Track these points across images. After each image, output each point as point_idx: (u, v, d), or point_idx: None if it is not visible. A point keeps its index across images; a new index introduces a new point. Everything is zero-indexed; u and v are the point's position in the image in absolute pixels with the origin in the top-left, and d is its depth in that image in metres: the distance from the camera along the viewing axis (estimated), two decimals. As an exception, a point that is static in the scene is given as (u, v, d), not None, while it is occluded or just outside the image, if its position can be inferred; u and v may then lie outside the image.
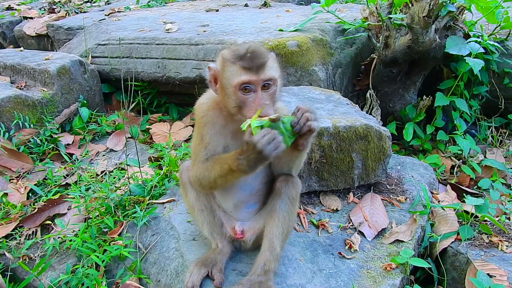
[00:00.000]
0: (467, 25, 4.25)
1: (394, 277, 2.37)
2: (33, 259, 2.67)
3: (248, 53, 1.89)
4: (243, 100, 1.91)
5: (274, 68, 1.96)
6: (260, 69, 1.88)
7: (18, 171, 3.39)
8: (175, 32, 4.63)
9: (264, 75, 1.88)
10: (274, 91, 1.94)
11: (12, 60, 4.32)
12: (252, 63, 1.87)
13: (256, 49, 1.91)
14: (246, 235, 2.26)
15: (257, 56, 1.88)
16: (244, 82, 1.88)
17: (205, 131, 2.08)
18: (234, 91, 1.91)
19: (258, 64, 1.87)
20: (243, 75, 1.88)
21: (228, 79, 1.93)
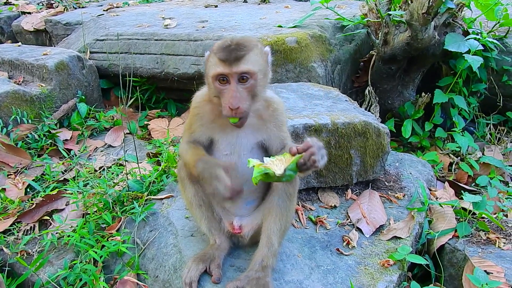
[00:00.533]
0: (466, 22, 4.25)
1: (391, 274, 2.37)
2: (31, 254, 2.67)
3: (232, 45, 1.92)
4: (219, 90, 1.96)
5: (255, 61, 1.95)
6: (235, 62, 1.90)
7: (16, 166, 3.38)
8: (174, 28, 4.62)
9: (238, 68, 1.90)
10: (252, 84, 1.95)
11: (10, 55, 4.30)
12: (228, 55, 1.90)
13: (241, 41, 1.94)
14: (244, 230, 2.26)
15: (237, 49, 1.91)
16: (217, 73, 1.93)
17: (194, 121, 2.19)
18: (212, 82, 1.97)
19: (234, 57, 1.90)
20: (218, 67, 1.93)
21: (208, 69, 2.02)
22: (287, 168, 1.82)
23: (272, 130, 2.15)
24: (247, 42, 1.97)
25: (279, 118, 2.17)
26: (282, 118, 2.19)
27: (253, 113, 2.09)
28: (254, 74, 1.94)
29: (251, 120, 2.09)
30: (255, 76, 1.95)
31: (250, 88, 1.95)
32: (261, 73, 1.99)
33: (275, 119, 2.16)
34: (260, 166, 1.84)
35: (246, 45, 1.94)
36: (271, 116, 2.15)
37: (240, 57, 1.90)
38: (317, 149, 1.83)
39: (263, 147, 2.18)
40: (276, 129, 2.16)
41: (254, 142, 2.15)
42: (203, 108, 2.16)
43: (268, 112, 2.15)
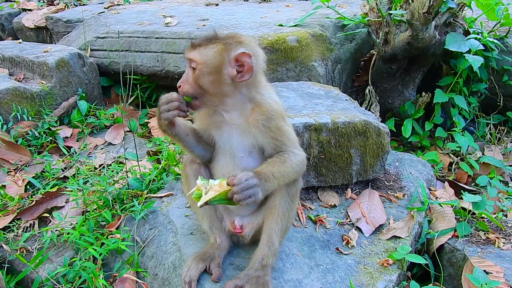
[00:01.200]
0: (467, 21, 4.24)
1: (391, 273, 2.37)
2: (30, 251, 2.67)
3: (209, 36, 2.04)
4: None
5: (205, 54, 1.99)
6: (190, 49, 2.03)
7: (16, 163, 3.38)
8: (175, 26, 4.62)
9: (188, 54, 2.04)
10: (197, 74, 2.01)
11: (11, 52, 4.30)
12: (193, 42, 2.05)
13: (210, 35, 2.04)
14: (245, 230, 2.26)
15: (202, 39, 2.03)
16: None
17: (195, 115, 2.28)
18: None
19: (194, 43, 2.03)
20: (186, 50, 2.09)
21: None
22: (210, 200, 1.89)
23: (258, 137, 2.08)
24: (215, 37, 2.03)
25: (265, 124, 2.05)
26: (270, 124, 2.06)
27: (238, 112, 2.08)
28: (199, 65, 1.99)
29: (237, 120, 2.09)
30: (199, 67, 1.99)
31: (195, 76, 2.02)
32: (210, 68, 1.98)
33: (260, 125, 2.05)
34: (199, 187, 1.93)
35: (210, 39, 2.02)
36: (256, 121, 2.05)
37: (195, 46, 2.02)
38: (240, 188, 1.83)
39: (261, 151, 2.13)
40: (262, 135, 2.06)
41: (247, 145, 2.11)
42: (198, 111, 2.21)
43: (254, 116, 2.05)
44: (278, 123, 2.10)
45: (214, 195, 1.88)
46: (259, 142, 2.10)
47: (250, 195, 1.86)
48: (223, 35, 2.05)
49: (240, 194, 1.84)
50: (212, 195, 1.88)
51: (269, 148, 2.11)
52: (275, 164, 2.03)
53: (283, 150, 2.10)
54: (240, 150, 2.13)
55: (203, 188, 1.91)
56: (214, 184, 1.91)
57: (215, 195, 1.87)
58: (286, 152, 2.10)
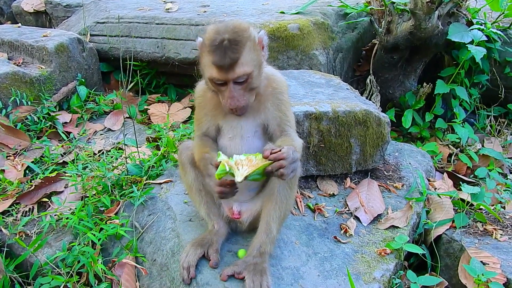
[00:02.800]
0: (470, 12, 4.21)
1: (388, 262, 2.39)
2: (29, 235, 2.68)
3: (225, 40, 1.85)
4: (217, 89, 1.97)
5: (249, 60, 1.90)
6: (231, 68, 1.86)
7: (15, 148, 3.37)
8: (175, 12, 4.58)
9: (234, 73, 1.87)
10: (249, 82, 1.94)
11: (10, 36, 4.26)
12: (223, 60, 1.84)
13: (233, 36, 1.87)
14: (243, 216, 2.27)
15: (230, 49, 1.84)
16: (213, 78, 1.92)
17: (198, 111, 2.23)
18: (208, 81, 1.98)
19: (229, 63, 1.85)
20: (214, 72, 1.90)
21: (202, 67, 2.01)
22: (250, 175, 1.82)
23: (270, 110, 2.13)
24: (240, 35, 1.89)
25: (278, 96, 2.14)
26: (282, 97, 2.16)
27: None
28: (250, 74, 1.92)
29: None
30: (250, 75, 1.92)
31: (246, 86, 1.94)
32: (256, 68, 1.95)
33: (274, 97, 2.13)
34: (226, 164, 1.85)
35: (239, 41, 1.87)
36: (270, 95, 2.13)
37: (234, 61, 1.86)
38: (289, 162, 1.81)
39: (264, 130, 2.17)
40: (274, 108, 2.13)
41: (255, 125, 2.14)
42: (205, 97, 2.18)
43: (268, 91, 2.12)
44: (286, 97, 2.19)
45: (253, 169, 1.81)
46: (268, 117, 2.12)
47: (295, 168, 1.88)
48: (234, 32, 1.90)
49: (288, 168, 1.82)
50: (250, 170, 1.81)
51: (274, 124, 2.13)
52: (290, 142, 2.06)
53: (285, 130, 2.14)
54: (247, 131, 2.14)
55: (227, 164, 1.86)
56: (241, 159, 1.87)
57: (253, 169, 1.81)
58: (288, 132, 2.15)
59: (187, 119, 4.04)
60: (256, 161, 1.85)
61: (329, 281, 2.22)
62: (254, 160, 1.86)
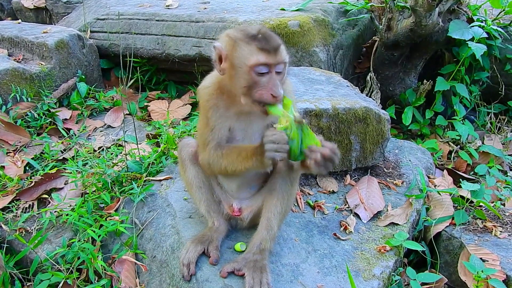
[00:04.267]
0: (471, 9, 4.20)
1: (387, 259, 2.39)
2: (29, 232, 2.68)
3: (260, 34, 1.86)
4: (256, 81, 1.86)
5: (285, 51, 1.94)
6: (277, 52, 1.86)
7: (15, 144, 3.38)
8: (176, 9, 4.57)
9: (281, 57, 1.87)
10: (284, 73, 1.93)
11: (10, 33, 4.26)
12: (269, 44, 1.84)
13: (267, 31, 1.90)
14: (244, 213, 2.27)
15: (272, 38, 1.87)
16: (261, 63, 1.84)
17: (210, 115, 2.07)
18: (248, 71, 1.86)
19: (275, 46, 1.85)
20: (261, 56, 1.84)
21: (242, 58, 1.87)
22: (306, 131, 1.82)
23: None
24: (271, 32, 1.93)
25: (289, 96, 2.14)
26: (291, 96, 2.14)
27: None
28: (287, 64, 1.93)
29: None
30: (286, 65, 1.94)
31: (282, 76, 1.93)
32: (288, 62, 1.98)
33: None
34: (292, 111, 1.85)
35: (274, 34, 1.91)
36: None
37: (279, 46, 1.87)
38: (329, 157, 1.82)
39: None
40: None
41: (264, 126, 2.09)
42: (217, 99, 2.06)
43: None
44: (293, 97, 2.15)
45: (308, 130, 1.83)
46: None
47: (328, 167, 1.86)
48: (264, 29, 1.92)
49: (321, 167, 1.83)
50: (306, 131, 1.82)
51: None
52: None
53: None
54: (256, 132, 2.10)
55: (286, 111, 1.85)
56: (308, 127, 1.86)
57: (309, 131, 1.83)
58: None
59: (187, 116, 4.03)
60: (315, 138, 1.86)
61: (329, 278, 2.22)
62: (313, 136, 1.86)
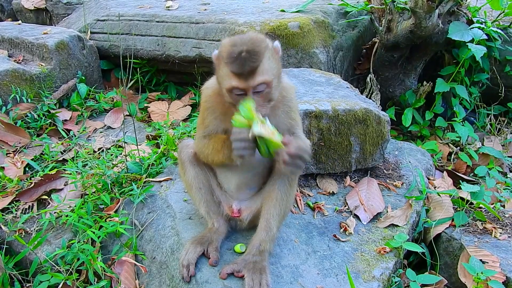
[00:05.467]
0: (470, 10, 4.21)
1: (387, 261, 2.39)
2: (29, 233, 2.68)
3: (244, 51, 1.82)
4: (235, 100, 1.91)
5: (269, 68, 1.89)
6: (250, 76, 1.84)
7: (15, 145, 3.37)
8: (176, 10, 4.57)
9: (254, 81, 1.85)
10: (268, 92, 1.92)
11: (10, 34, 4.26)
12: (242, 68, 1.82)
13: (252, 49, 1.84)
14: (243, 214, 2.27)
15: (250, 59, 1.82)
16: (233, 87, 1.88)
17: (206, 115, 2.15)
18: (226, 92, 1.92)
19: (248, 70, 1.83)
20: (233, 81, 1.86)
21: (220, 78, 1.95)
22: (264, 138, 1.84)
23: (281, 117, 2.13)
24: (258, 46, 1.86)
25: (288, 104, 2.15)
26: (291, 104, 2.16)
27: None
28: (269, 83, 1.89)
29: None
30: (270, 83, 1.90)
31: (266, 95, 1.92)
32: (275, 77, 1.94)
33: (283, 105, 2.13)
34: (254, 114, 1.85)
35: (257, 51, 1.84)
36: (280, 103, 2.11)
37: (254, 68, 1.83)
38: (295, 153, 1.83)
39: None
40: (284, 115, 2.13)
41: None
42: (214, 102, 2.12)
43: (278, 99, 2.09)
44: (295, 102, 2.20)
45: (270, 137, 1.83)
46: (278, 124, 2.09)
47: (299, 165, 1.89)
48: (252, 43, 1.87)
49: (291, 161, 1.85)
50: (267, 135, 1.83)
51: (284, 130, 2.13)
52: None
53: (295, 133, 2.15)
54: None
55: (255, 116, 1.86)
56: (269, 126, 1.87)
57: (270, 138, 1.83)
58: (297, 134, 2.15)
59: (187, 117, 4.04)
60: (277, 137, 1.86)
61: (329, 280, 2.22)
62: (276, 135, 1.86)
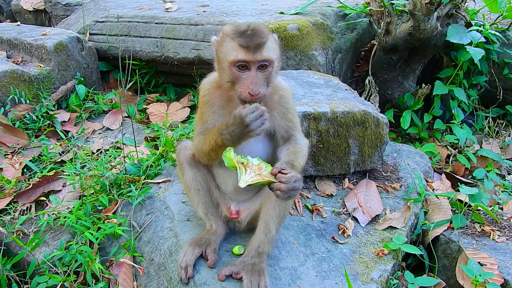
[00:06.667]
0: (469, 13, 4.22)
1: (386, 263, 2.39)
2: (27, 234, 2.67)
3: (249, 30, 1.89)
4: (237, 76, 1.93)
5: (273, 49, 1.95)
6: (258, 49, 1.88)
7: (13, 146, 3.37)
8: (175, 12, 4.58)
9: (261, 55, 1.89)
10: (269, 72, 1.95)
11: (9, 35, 4.26)
12: (250, 41, 1.87)
13: (257, 28, 1.91)
14: (241, 215, 2.27)
15: (256, 35, 1.88)
16: (239, 60, 1.90)
17: (205, 109, 2.15)
18: (229, 67, 1.93)
19: (256, 44, 1.87)
20: (240, 53, 1.89)
21: (224, 54, 1.95)
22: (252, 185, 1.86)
23: (277, 118, 2.14)
24: (263, 28, 1.94)
25: (285, 105, 2.16)
26: (288, 106, 2.17)
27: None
28: (272, 62, 1.94)
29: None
30: (273, 63, 1.94)
31: (267, 74, 1.94)
32: (277, 60, 1.99)
33: (280, 106, 2.14)
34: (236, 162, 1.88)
35: (263, 31, 1.91)
36: (276, 103, 2.13)
37: (261, 44, 1.88)
38: (287, 188, 1.84)
39: (270, 135, 2.17)
40: (280, 117, 2.14)
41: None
42: (213, 95, 2.13)
43: (274, 99, 2.12)
44: (292, 104, 2.20)
45: (258, 180, 1.85)
46: (275, 125, 2.11)
47: (292, 195, 1.89)
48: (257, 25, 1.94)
49: (285, 193, 1.85)
50: (255, 179, 1.85)
51: (281, 130, 2.15)
52: (297, 155, 2.08)
53: (292, 134, 2.16)
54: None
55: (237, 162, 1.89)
56: (254, 163, 1.89)
57: (258, 181, 1.85)
58: (295, 136, 2.16)
59: (186, 118, 4.04)
60: (265, 171, 1.88)
61: (327, 282, 2.22)
62: (263, 169, 1.89)
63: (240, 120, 1.82)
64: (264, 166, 1.90)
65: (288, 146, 2.14)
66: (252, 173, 1.87)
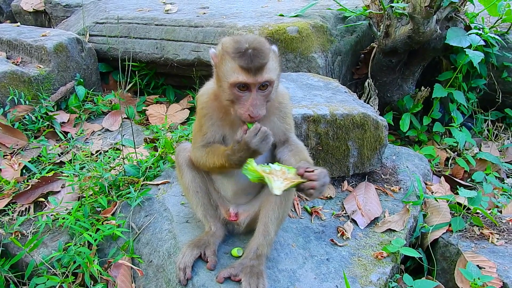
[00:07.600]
0: (468, 16, 4.23)
1: (384, 266, 2.39)
2: (25, 235, 2.67)
3: (250, 49, 1.84)
4: (237, 97, 1.90)
5: (274, 69, 1.92)
6: (259, 71, 1.85)
7: (12, 147, 3.37)
8: (175, 13, 4.58)
9: (262, 77, 1.86)
10: (270, 91, 1.93)
11: (9, 35, 4.26)
12: (251, 63, 1.83)
13: (258, 47, 1.86)
14: (240, 217, 2.27)
15: (258, 56, 1.84)
16: (239, 82, 1.87)
17: (203, 122, 2.13)
18: (229, 87, 1.90)
19: (258, 66, 1.84)
20: (240, 76, 1.86)
21: (224, 73, 1.91)
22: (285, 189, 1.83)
23: (276, 123, 2.13)
24: (263, 46, 1.89)
25: (283, 110, 2.16)
26: (286, 110, 2.17)
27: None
28: (273, 82, 1.92)
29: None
30: (273, 83, 1.92)
31: (267, 94, 1.93)
32: (277, 79, 1.98)
33: (280, 111, 2.14)
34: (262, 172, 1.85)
35: (264, 51, 1.87)
36: (276, 109, 2.13)
37: (262, 66, 1.85)
38: (319, 185, 1.82)
39: None
40: (279, 121, 2.14)
41: None
42: (211, 107, 2.11)
43: (274, 105, 2.11)
44: (289, 108, 2.21)
45: (290, 184, 1.83)
46: (273, 129, 2.09)
47: (323, 191, 1.88)
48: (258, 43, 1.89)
49: (317, 190, 1.83)
50: (287, 184, 1.83)
51: (279, 135, 2.14)
52: (304, 152, 2.10)
53: (288, 136, 2.17)
54: None
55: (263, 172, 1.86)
56: (276, 169, 1.88)
57: (291, 184, 1.84)
58: (291, 138, 2.17)
59: (185, 120, 4.04)
60: (290, 174, 1.87)
61: (326, 284, 2.22)
62: (286, 173, 1.87)
63: (246, 146, 1.82)
64: (286, 169, 1.89)
65: (289, 147, 2.15)
66: (280, 179, 1.85)
